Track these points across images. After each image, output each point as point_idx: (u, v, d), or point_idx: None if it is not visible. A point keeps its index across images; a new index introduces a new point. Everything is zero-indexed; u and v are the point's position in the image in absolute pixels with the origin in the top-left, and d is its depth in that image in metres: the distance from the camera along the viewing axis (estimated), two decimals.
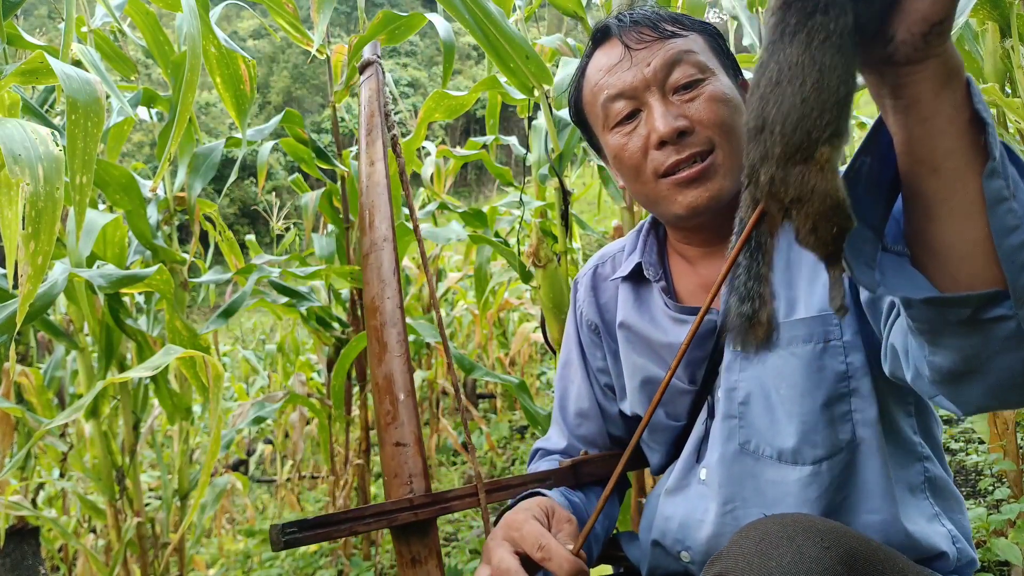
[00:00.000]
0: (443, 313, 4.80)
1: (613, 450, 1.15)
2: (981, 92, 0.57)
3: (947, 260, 0.60)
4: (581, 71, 1.03)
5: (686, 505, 0.97)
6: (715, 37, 0.99)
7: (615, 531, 1.16)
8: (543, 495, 0.98)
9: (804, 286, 0.89)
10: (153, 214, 2.15)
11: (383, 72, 1.15)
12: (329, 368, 2.88)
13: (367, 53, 1.16)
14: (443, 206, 2.92)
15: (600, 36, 1.00)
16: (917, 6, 0.51)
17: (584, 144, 1.95)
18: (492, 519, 1.03)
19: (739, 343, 0.58)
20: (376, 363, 0.97)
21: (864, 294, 0.81)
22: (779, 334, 0.58)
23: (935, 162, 0.57)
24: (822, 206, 0.50)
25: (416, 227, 1.10)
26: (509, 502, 1.03)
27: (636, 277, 1.06)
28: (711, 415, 0.97)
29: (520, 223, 2.17)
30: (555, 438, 1.17)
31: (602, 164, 1.92)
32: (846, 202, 0.51)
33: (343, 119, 2.83)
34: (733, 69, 0.98)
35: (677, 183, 0.91)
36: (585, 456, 1.11)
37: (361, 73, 1.16)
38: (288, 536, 0.85)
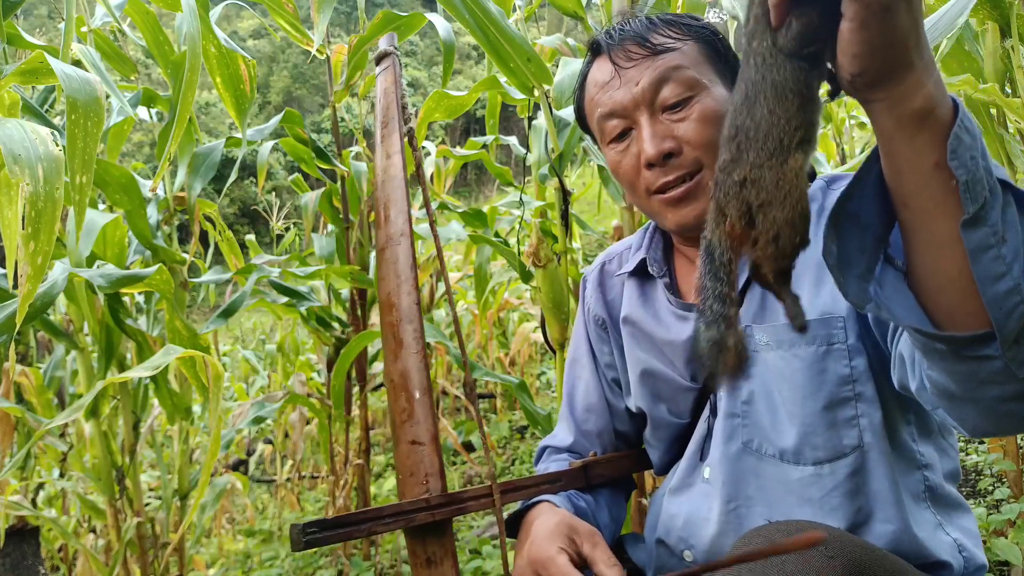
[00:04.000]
0: (442, 312, 4.79)
1: (619, 447, 1.16)
2: (976, 146, 0.54)
3: (927, 288, 0.60)
4: (583, 77, 1.03)
5: (690, 504, 0.97)
6: (711, 44, 0.96)
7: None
8: (552, 503, 0.99)
9: (808, 287, 0.89)
10: (153, 214, 2.14)
11: (400, 64, 1.12)
12: (329, 368, 2.88)
13: (383, 44, 1.13)
14: (443, 206, 2.91)
15: (595, 49, 1.01)
16: (842, 50, 0.51)
17: (584, 144, 1.94)
18: (505, 515, 1.03)
19: (710, 372, 0.56)
20: (392, 359, 0.96)
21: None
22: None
23: (904, 197, 0.57)
24: (792, 212, 0.51)
25: (432, 221, 1.09)
26: (520, 503, 1.04)
27: (641, 273, 1.08)
28: (713, 413, 0.97)
29: (520, 223, 2.16)
30: (562, 434, 1.17)
31: (602, 164, 1.92)
32: (810, 215, 0.52)
33: (343, 119, 2.82)
34: (732, 73, 0.96)
35: (666, 202, 0.94)
36: (595, 457, 1.11)
37: (377, 64, 1.12)
38: (309, 536, 0.85)
